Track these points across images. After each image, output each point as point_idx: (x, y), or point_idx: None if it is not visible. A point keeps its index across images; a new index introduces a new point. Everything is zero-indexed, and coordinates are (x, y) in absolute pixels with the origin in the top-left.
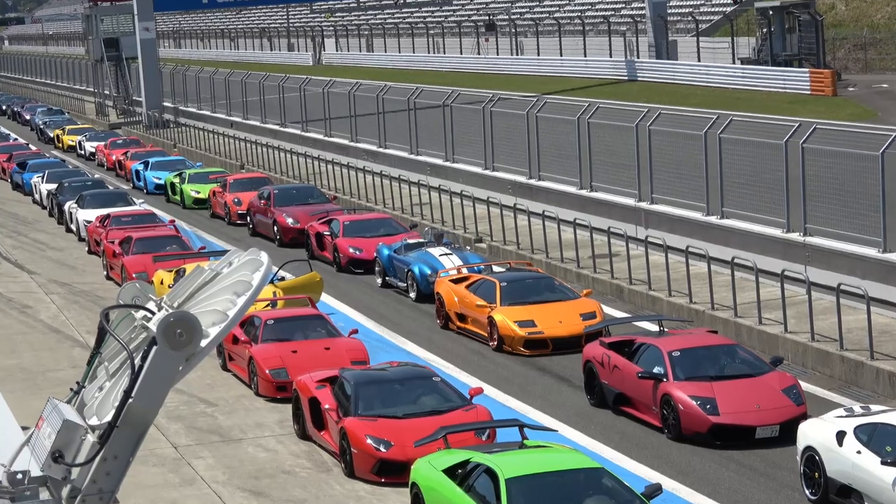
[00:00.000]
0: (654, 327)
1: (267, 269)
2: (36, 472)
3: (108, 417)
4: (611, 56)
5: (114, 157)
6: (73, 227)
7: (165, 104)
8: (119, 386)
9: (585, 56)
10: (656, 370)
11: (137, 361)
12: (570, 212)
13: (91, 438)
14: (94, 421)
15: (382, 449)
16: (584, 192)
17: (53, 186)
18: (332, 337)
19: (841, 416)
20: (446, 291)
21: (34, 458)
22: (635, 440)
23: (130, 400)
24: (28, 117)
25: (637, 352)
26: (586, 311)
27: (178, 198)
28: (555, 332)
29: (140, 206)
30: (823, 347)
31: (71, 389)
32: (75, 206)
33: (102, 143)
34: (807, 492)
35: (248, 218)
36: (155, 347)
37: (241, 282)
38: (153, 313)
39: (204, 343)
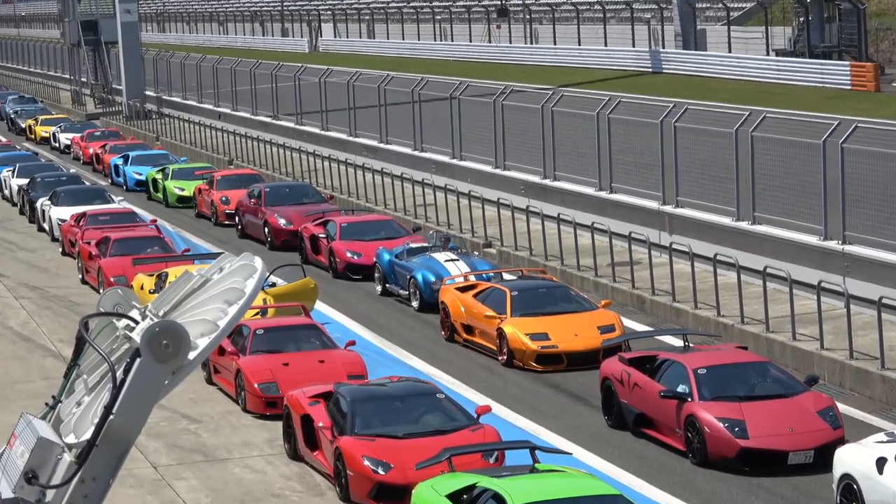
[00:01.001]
0: (678, 342)
1: (261, 276)
2: (7, 493)
3: (87, 435)
4: (634, 46)
5: (91, 151)
6: (45, 225)
7: (148, 93)
8: (99, 401)
9: (606, 45)
10: (680, 389)
11: (119, 374)
12: (587, 215)
13: (68, 458)
14: (71, 439)
15: (381, 471)
16: (602, 194)
17: (25, 181)
18: (327, 349)
19: (881, 442)
20: (452, 300)
21: (5, 478)
22: (657, 465)
23: (111, 416)
24: None
25: (659, 369)
26: (604, 323)
27: (160, 195)
28: (570, 347)
29: (119, 203)
30: (863, 366)
31: (46, 404)
32: (48, 203)
33: (78, 135)
34: None
35: (237, 218)
36: (139, 360)
37: (233, 289)
38: (137, 322)
39: (192, 355)
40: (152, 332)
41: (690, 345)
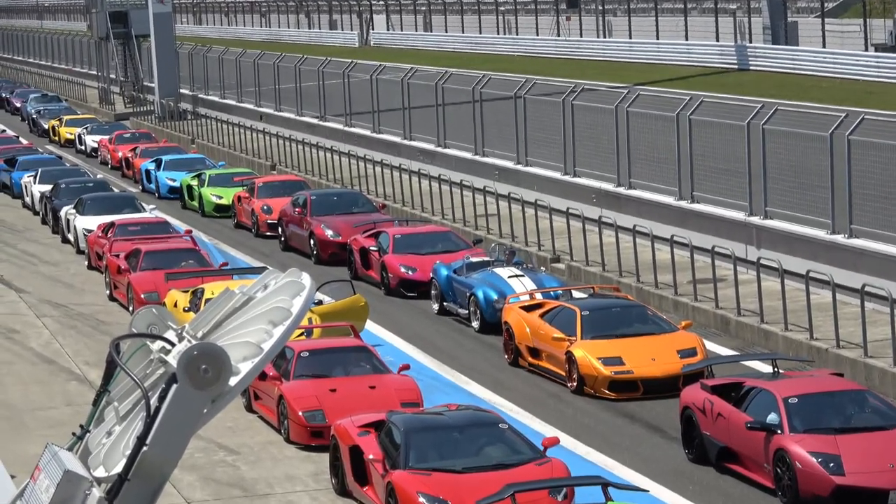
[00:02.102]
0: (767, 368)
1: (309, 295)
2: None
3: (118, 468)
4: (718, 40)
5: (120, 154)
6: (70, 236)
7: (182, 91)
8: (131, 431)
9: (687, 40)
10: (769, 420)
11: (154, 402)
12: (666, 227)
13: (97, 493)
14: (100, 472)
15: None
16: (683, 204)
17: (47, 188)
18: (379, 373)
19: None
20: (516, 321)
21: None
22: (742, 503)
23: (145, 448)
24: (18, 105)
25: (746, 397)
26: (685, 346)
27: (195, 204)
28: (646, 372)
29: (150, 212)
30: None
31: (73, 434)
32: (73, 211)
33: (107, 137)
34: None
35: (280, 229)
36: (175, 386)
37: (279, 308)
38: (173, 345)
39: (233, 381)
40: (190, 356)
41: (780, 371)
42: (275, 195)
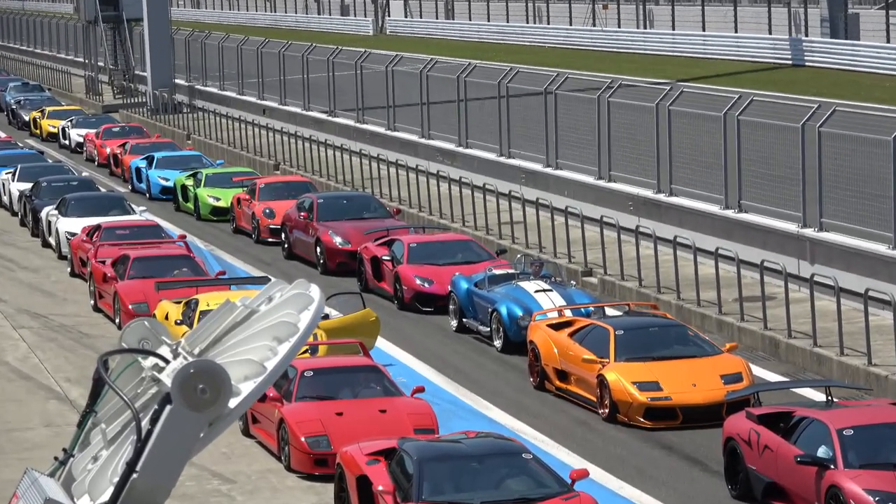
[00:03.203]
0: (820, 396)
1: (318, 309)
2: None
3: (105, 497)
4: (770, 33)
5: (108, 150)
6: (51, 240)
7: (178, 82)
8: (120, 456)
9: (736, 32)
10: (821, 454)
11: (145, 425)
12: (710, 238)
13: None
14: (85, 501)
15: None
16: (729, 213)
17: (27, 186)
18: (390, 396)
19: None
20: (543, 340)
21: None
22: None
23: (135, 475)
24: None
25: (796, 428)
26: (729, 371)
27: (190, 206)
28: (686, 399)
29: (141, 215)
30: None
31: (55, 458)
32: (55, 212)
33: (93, 132)
34: None
35: (283, 235)
36: (169, 407)
37: (285, 324)
38: (167, 361)
39: (233, 403)
40: (186, 374)
41: (834, 399)
42: (278, 197)
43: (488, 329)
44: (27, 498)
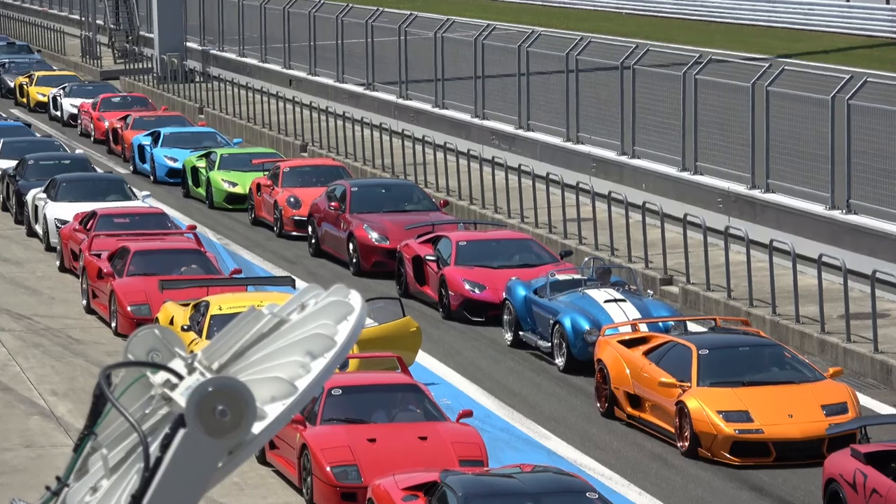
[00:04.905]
0: None
1: (359, 320)
2: None
3: None
4: (888, 2)
5: (106, 124)
6: (38, 228)
7: (190, 45)
8: (124, 487)
9: (848, 0)
10: None
11: (154, 451)
12: (812, 243)
13: None
14: None
15: None
16: (836, 214)
17: (11, 164)
18: (432, 420)
19: None
20: (613, 359)
21: None
22: None
23: None
24: None
25: None
26: (832, 401)
27: (202, 191)
28: (781, 432)
29: (143, 201)
30: None
31: (47, 488)
32: (43, 196)
33: (89, 102)
34: None
35: (310, 228)
36: (182, 430)
37: (320, 336)
38: (181, 377)
39: (257, 428)
40: (203, 393)
41: None
42: (305, 184)
43: (549, 344)
44: None
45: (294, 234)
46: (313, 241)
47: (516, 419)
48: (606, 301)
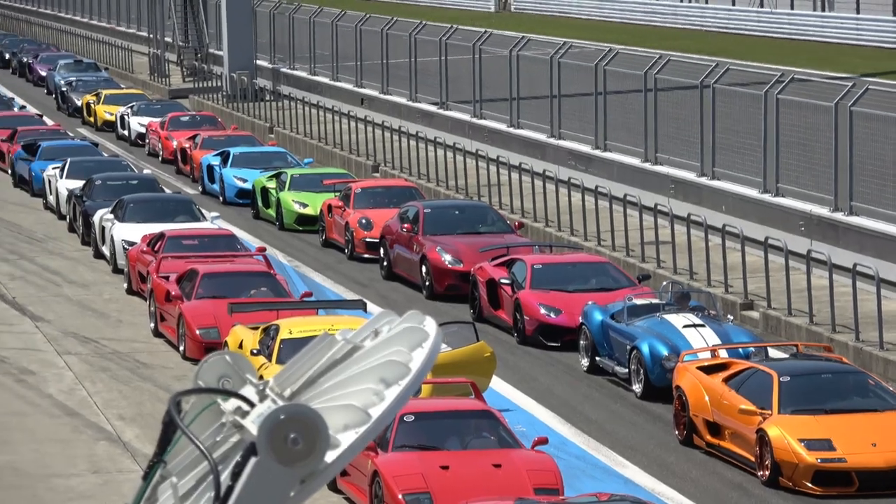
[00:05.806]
0: None
1: (434, 347)
2: None
3: None
4: None
5: (174, 144)
6: (105, 250)
7: (260, 63)
8: None
9: None
10: None
11: (225, 479)
12: None
13: None
14: None
15: None
16: None
17: (78, 184)
18: (506, 447)
19: None
20: (692, 385)
21: None
22: None
23: None
24: (44, 73)
25: None
26: None
27: (272, 212)
28: (864, 461)
29: (212, 222)
30: None
31: None
32: (111, 217)
33: (157, 121)
34: None
35: (382, 250)
36: (254, 459)
37: (394, 363)
38: (252, 405)
39: (330, 457)
40: (275, 421)
41: None
42: (377, 205)
43: (626, 370)
44: None
45: (366, 256)
46: (385, 263)
47: (592, 446)
48: (685, 326)
